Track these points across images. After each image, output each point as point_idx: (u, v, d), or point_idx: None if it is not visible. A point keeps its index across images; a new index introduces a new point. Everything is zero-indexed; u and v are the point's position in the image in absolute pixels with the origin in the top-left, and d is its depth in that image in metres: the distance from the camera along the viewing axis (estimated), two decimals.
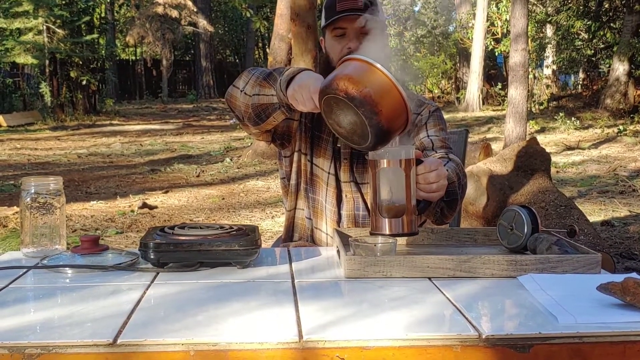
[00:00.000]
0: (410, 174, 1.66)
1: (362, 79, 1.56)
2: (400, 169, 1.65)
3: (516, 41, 10.07)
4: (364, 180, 2.17)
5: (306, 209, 2.23)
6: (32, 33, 18.96)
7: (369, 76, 1.57)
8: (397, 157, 1.65)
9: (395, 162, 1.65)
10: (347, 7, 2.06)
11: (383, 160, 1.65)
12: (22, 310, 1.33)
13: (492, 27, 19.93)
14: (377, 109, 1.54)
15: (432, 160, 1.76)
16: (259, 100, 1.92)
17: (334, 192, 2.17)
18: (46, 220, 1.76)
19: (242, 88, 1.98)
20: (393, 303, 1.34)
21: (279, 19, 11.41)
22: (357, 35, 2.08)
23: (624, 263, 4.64)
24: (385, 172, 1.66)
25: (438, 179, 1.72)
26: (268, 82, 1.91)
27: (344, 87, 1.55)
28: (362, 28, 2.07)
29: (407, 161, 1.65)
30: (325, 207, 2.18)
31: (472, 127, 15.31)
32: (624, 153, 10.89)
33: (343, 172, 2.17)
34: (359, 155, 2.14)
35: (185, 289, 1.45)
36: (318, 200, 2.20)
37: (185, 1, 27.66)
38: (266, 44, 33.51)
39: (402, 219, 1.66)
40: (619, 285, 1.26)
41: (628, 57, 15.63)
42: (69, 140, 14.64)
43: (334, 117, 1.63)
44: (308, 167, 2.21)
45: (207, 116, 21.87)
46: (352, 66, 1.62)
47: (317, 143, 2.19)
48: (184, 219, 6.43)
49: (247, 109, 1.97)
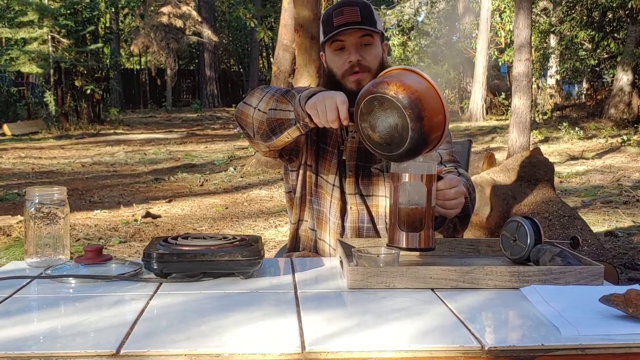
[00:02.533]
0: (432, 190, 1.66)
1: (411, 83, 1.58)
2: (422, 184, 1.65)
3: (520, 51, 10.07)
4: (370, 192, 2.17)
5: (310, 220, 2.23)
6: (37, 42, 19.02)
7: (417, 82, 1.59)
8: (420, 172, 1.66)
9: (417, 177, 1.66)
10: (344, 21, 2.06)
11: (406, 175, 1.66)
12: (26, 320, 1.34)
13: (496, 37, 19.96)
14: (423, 113, 1.55)
15: (451, 177, 1.78)
16: (275, 115, 1.91)
17: (338, 204, 2.17)
18: (50, 230, 1.76)
19: (256, 105, 1.97)
20: (396, 314, 1.34)
21: (283, 29, 11.45)
22: (357, 48, 2.07)
23: (628, 274, 4.63)
24: (407, 186, 1.66)
25: (457, 196, 1.75)
26: (286, 97, 1.90)
27: (394, 88, 1.56)
28: (361, 40, 2.07)
29: (429, 177, 1.66)
30: (329, 219, 2.18)
31: (476, 137, 15.31)
32: (628, 163, 10.87)
33: (348, 185, 2.17)
34: (365, 168, 2.15)
35: (188, 299, 1.46)
36: (322, 212, 2.20)
37: (190, 11, 27.79)
38: (270, 54, 33.55)
39: (420, 234, 1.67)
40: (621, 296, 1.25)
41: (632, 67, 15.63)
42: (73, 149, 14.66)
43: (371, 120, 1.62)
44: (313, 179, 2.21)
45: (211, 125, 21.89)
46: (397, 73, 1.65)
47: (323, 155, 2.19)
48: (187, 228, 6.43)
49: (261, 125, 1.95)
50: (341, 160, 2.17)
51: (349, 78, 2.08)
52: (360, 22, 2.05)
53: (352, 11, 2.06)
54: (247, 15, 20.49)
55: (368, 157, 2.16)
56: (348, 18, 2.05)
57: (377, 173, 2.16)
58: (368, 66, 2.08)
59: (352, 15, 2.05)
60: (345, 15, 2.06)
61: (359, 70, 2.07)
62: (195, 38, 29.40)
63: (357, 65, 2.06)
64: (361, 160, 2.16)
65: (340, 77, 2.10)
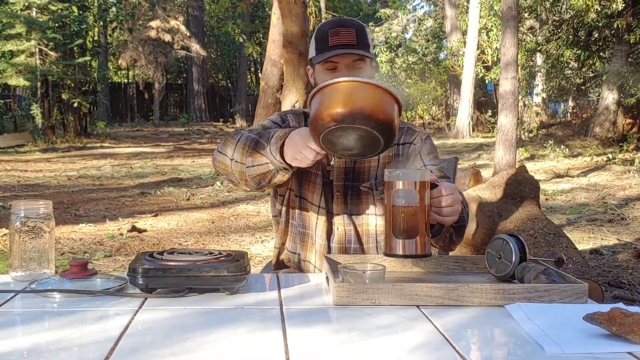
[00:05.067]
0: (425, 196, 1.68)
1: (335, 99, 1.63)
2: (414, 191, 1.67)
3: (506, 69, 10.16)
4: (359, 211, 2.16)
5: (293, 243, 2.23)
6: (24, 55, 18.98)
7: (338, 92, 1.64)
8: (413, 179, 1.68)
9: (410, 184, 1.67)
10: (340, 43, 2.05)
11: (399, 182, 1.68)
12: (10, 335, 1.33)
13: (483, 55, 20.12)
14: (366, 112, 1.61)
15: (447, 184, 1.78)
16: (256, 171, 1.90)
17: (325, 225, 2.16)
18: (35, 245, 1.75)
19: (232, 156, 1.96)
20: (381, 331, 1.34)
21: (272, 45, 11.48)
22: (349, 70, 2.06)
23: (612, 292, 4.65)
24: (400, 193, 1.68)
25: (453, 203, 1.75)
26: (258, 151, 1.88)
27: (329, 118, 1.61)
28: (353, 62, 2.06)
29: (422, 183, 1.68)
30: (315, 241, 2.17)
31: (462, 154, 15.38)
32: (613, 181, 10.95)
33: (336, 205, 2.15)
34: (353, 187, 2.14)
35: (173, 314, 1.45)
36: (307, 234, 2.19)
37: (179, 25, 27.83)
38: (258, 69, 33.64)
39: (415, 240, 1.68)
40: (605, 315, 1.26)
41: (617, 86, 15.77)
42: (59, 162, 14.60)
43: (341, 146, 1.69)
44: (297, 202, 2.20)
45: (199, 139, 21.88)
46: (319, 97, 1.69)
47: (306, 177, 2.18)
48: (174, 243, 6.41)
49: (243, 176, 1.95)
50: (327, 182, 2.16)
51: None
52: (356, 46, 2.05)
53: (349, 33, 2.06)
54: (236, 30, 20.54)
55: (356, 176, 2.15)
56: (344, 40, 2.05)
57: (366, 192, 2.15)
58: None
59: (348, 37, 2.05)
60: (342, 37, 2.05)
61: None
62: (183, 52, 29.46)
63: None
64: (349, 180, 2.15)
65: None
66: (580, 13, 15.47)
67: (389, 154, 2.16)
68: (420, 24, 25.92)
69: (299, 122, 2.20)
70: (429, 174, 1.70)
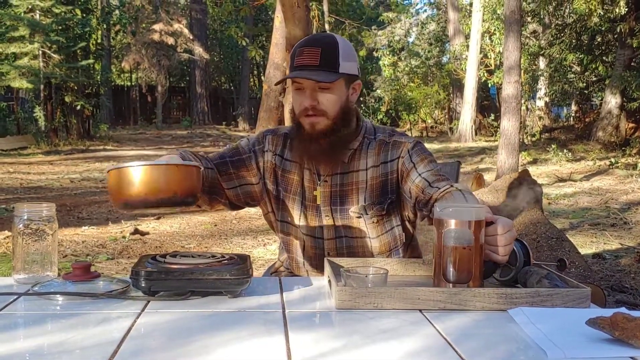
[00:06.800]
0: (480, 237, 1.58)
1: (123, 189, 1.74)
2: (468, 231, 1.57)
3: (509, 73, 10.16)
4: (352, 234, 2.11)
5: (286, 261, 2.24)
6: (27, 58, 18.99)
7: (123, 181, 1.73)
8: (468, 218, 1.58)
9: (464, 224, 1.58)
10: (301, 64, 1.96)
11: (451, 221, 1.58)
12: (12, 338, 1.33)
13: (485, 58, 20.12)
14: (151, 197, 1.65)
15: (504, 221, 1.66)
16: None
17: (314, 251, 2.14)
18: (38, 247, 1.75)
19: None
20: (384, 335, 1.34)
21: (275, 48, 11.50)
22: (312, 92, 1.98)
23: (615, 296, 4.64)
24: (452, 233, 1.58)
25: (511, 241, 1.65)
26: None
27: (120, 204, 1.74)
28: (318, 84, 1.97)
29: (477, 223, 1.58)
30: (304, 263, 2.17)
31: (465, 158, 15.37)
32: (616, 185, 10.93)
33: (327, 230, 2.11)
34: (342, 211, 2.09)
35: (175, 318, 1.45)
36: (296, 260, 2.19)
37: (182, 29, 27.86)
38: (261, 72, 33.67)
39: (467, 286, 1.59)
40: (607, 319, 1.26)
41: (620, 90, 15.77)
42: (62, 165, 14.61)
43: (151, 205, 1.69)
44: (278, 226, 2.19)
45: (201, 142, 21.89)
46: (107, 180, 1.79)
47: (285, 201, 2.14)
48: (176, 246, 6.41)
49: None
50: (314, 206, 2.11)
51: (304, 119, 2.01)
52: (318, 66, 1.94)
53: (312, 53, 1.95)
54: (239, 34, 20.57)
55: (343, 199, 2.09)
56: (305, 61, 1.95)
57: (358, 215, 2.08)
58: (323, 110, 1.98)
59: (311, 58, 1.95)
60: (304, 57, 1.96)
61: (313, 114, 1.98)
62: (186, 55, 29.47)
63: (312, 109, 1.98)
64: (335, 204, 2.09)
65: (298, 116, 2.04)
66: (583, 17, 15.48)
67: (376, 174, 2.07)
68: (423, 27, 25.93)
69: (275, 145, 2.16)
70: (484, 212, 1.61)
